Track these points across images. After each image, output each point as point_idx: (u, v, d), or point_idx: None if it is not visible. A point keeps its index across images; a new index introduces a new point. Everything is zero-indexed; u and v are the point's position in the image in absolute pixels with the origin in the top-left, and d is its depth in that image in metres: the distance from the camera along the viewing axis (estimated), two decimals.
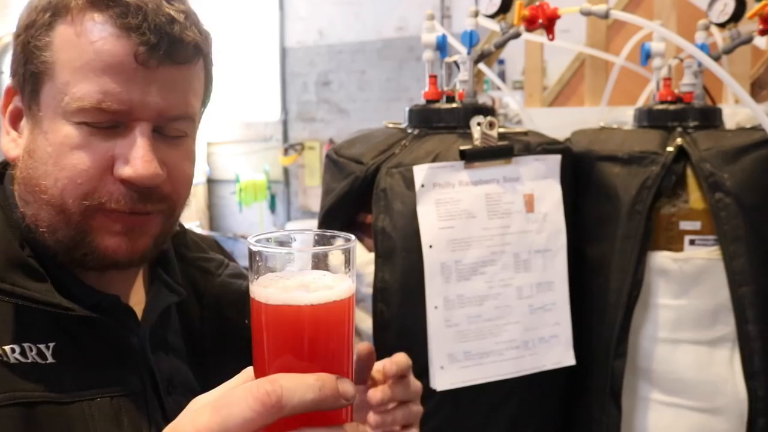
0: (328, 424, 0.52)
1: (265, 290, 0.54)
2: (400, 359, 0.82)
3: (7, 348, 0.71)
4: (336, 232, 0.59)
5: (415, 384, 0.85)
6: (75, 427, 0.72)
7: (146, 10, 0.71)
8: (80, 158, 0.72)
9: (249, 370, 0.57)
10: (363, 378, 0.81)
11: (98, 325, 0.76)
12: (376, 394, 0.80)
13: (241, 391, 0.49)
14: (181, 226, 0.93)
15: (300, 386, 0.49)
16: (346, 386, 0.51)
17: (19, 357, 0.71)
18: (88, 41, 0.71)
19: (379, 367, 0.81)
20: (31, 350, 0.72)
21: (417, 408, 0.85)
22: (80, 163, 0.72)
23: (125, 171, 0.72)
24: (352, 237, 0.57)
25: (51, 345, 0.73)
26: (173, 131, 0.76)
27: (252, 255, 0.55)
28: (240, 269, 0.96)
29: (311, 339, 0.53)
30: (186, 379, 0.84)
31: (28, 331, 0.73)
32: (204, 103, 0.83)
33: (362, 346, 0.78)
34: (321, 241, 0.58)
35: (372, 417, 0.81)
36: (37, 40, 0.73)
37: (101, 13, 0.71)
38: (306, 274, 0.55)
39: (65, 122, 0.72)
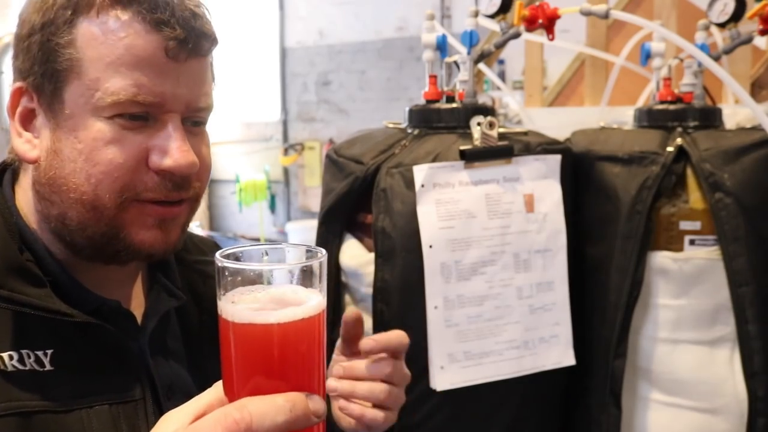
0: None
1: (232, 308, 0.52)
2: (392, 337, 0.83)
3: (5, 355, 0.70)
4: (307, 245, 0.58)
5: (405, 370, 0.85)
6: None
7: (173, 5, 0.73)
8: (115, 152, 0.72)
9: (219, 386, 0.56)
10: (350, 348, 0.83)
11: (97, 331, 0.75)
12: (366, 343, 0.82)
13: (210, 421, 0.49)
14: None
15: (270, 410, 0.49)
16: (317, 404, 0.51)
17: (17, 364, 0.71)
18: (117, 37, 0.72)
19: (368, 341, 0.83)
20: (29, 357, 0.71)
21: (400, 393, 0.84)
22: (116, 157, 0.72)
23: (165, 162, 0.73)
24: (323, 251, 0.56)
25: (49, 352, 0.72)
26: (195, 123, 0.79)
27: (219, 271, 0.53)
28: None
29: (281, 358, 0.52)
30: (185, 384, 0.84)
31: (26, 337, 0.72)
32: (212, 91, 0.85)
33: (349, 312, 0.79)
34: (291, 255, 0.57)
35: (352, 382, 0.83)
36: (59, 37, 0.72)
37: (126, 9, 0.72)
38: (275, 290, 0.53)
39: (96, 118, 0.72)
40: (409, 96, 5.71)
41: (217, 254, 0.55)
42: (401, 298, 1.21)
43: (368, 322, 1.25)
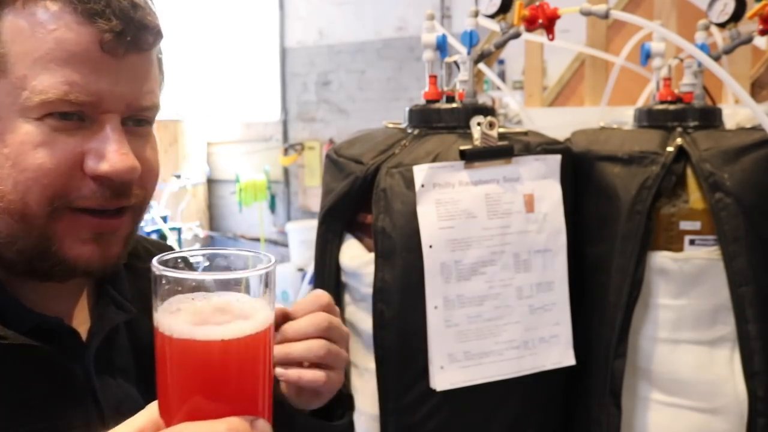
0: None
1: (170, 321, 0.47)
2: (310, 300, 0.75)
3: None
4: (254, 251, 0.52)
5: (342, 327, 0.77)
6: None
7: None
8: (44, 156, 0.65)
9: (154, 406, 0.52)
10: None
11: (35, 354, 0.68)
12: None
13: None
14: None
15: None
16: (262, 428, 0.48)
17: None
18: (46, 30, 0.65)
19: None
20: None
21: (340, 350, 0.76)
22: (45, 161, 0.65)
23: (101, 167, 0.67)
24: (272, 258, 0.51)
25: None
26: (138, 123, 0.72)
27: (156, 279, 0.48)
28: None
29: (224, 378, 0.48)
30: (135, 404, 0.74)
31: None
32: (161, 89, 0.78)
33: (277, 312, 0.71)
34: (238, 261, 0.52)
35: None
36: None
37: (55, 0, 0.66)
38: (219, 300, 0.48)
39: (24, 120, 0.65)
40: (409, 96, 5.70)
41: (155, 260, 0.50)
42: (401, 298, 1.21)
43: (368, 322, 1.25)
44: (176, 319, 0.47)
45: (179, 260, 0.51)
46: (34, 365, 0.68)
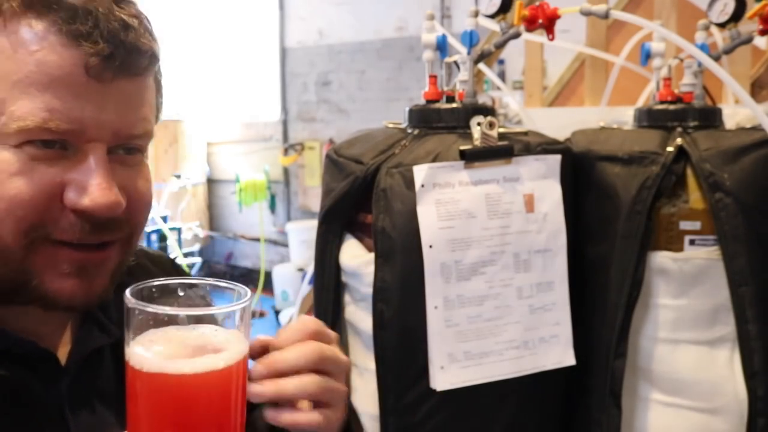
0: None
1: (141, 354, 0.46)
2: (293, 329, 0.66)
3: None
4: (230, 283, 0.51)
5: (337, 355, 0.68)
6: None
7: (97, 15, 0.61)
8: (20, 186, 0.61)
9: None
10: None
11: (3, 381, 0.64)
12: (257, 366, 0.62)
13: None
14: None
15: None
16: None
17: None
18: (27, 51, 0.61)
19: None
20: None
21: (337, 383, 0.67)
22: (20, 192, 0.61)
23: (82, 201, 0.62)
24: (248, 293, 0.50)
25: None
26: (129, 151, 0.68)
27: (128, 311, 0.47)
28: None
29: (195, 412, 0.47)
30: None
31: None
32: (157, 116, 0.73)
33: (257, 344, 0.63)
34: (215, 293, 0.51)
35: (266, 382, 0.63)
36: None
37: (41, 19, 0.61)
38: (193, 332, 0.47)
39: (2, 147, 0.61)
40: (409, 96, 5.70)
41: (128, 292, 0.48)
42: (401, 298, 1.21)
43: (368, 322, 1.25)
44: (147, 352, 0.46)
45: (154, 290, 0.50)
46: (3, 393, 0.64)
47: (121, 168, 0.66)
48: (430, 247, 1.19)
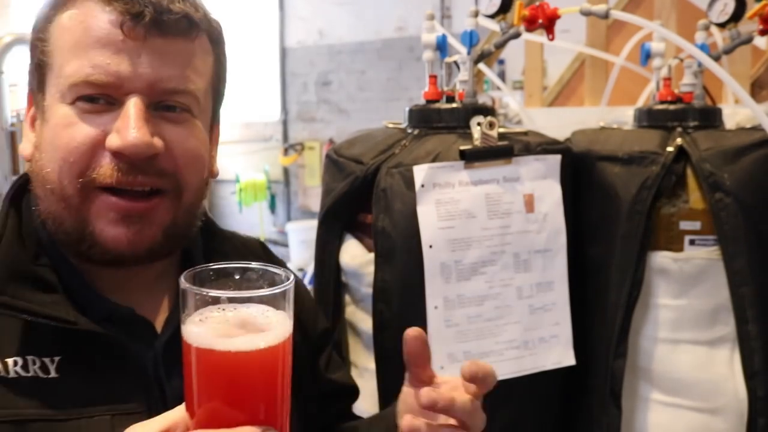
0: None
1: (195, 330, 0.50)
2: (487, 369, 0.73)
3: (9, 361, 0.69)
4: (276, 267, 0.55)
5: (482, 413, 0.75)
6: None
7: None
8: (71, 135, 0.70)
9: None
10: (416, 374, 0.74)
11: (105, 340, 0.72)
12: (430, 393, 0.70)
13: None
14: (215, 227, 0.89)
15: None
16: None
17: (20, 370, 0.69)
18: (77, 21, 0.71)
19: (449, 378, 0.74)
20: (34, 363, 0.70)
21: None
22: (71, 140, 0.70)
23: (114, 141, 0.70)
24: (291, 275, 0.54)
25: (56, 359, 0.71)
26: (171, 108, 0.74)
27: (182, 293, 0.52)
28: None
29: (238, 387, 0.51)
30: None
31: (33, 343, 0.71)
32: (216, 88, 0.81)
33: (410, 331, 0.71)
34: (261, 277, 0.55)
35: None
36: (40, 33, 0.74)
37: None
38: (244, 312, 0.51)
39: (62, 104, 0.72)
40: (409, 96, 5.71)
41: (183, 276, 0.53)
42: (401, 298, 1.20)
43: (368, 322, 1.25)
44: (199, 329, 0.50)
45: (211, 273, 0.54)
46: (104, 351, 0.72)
47: (166, 123, 0.73)
48: (430, 247, 1.19)
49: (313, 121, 6.52)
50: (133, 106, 0.70)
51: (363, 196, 1.26)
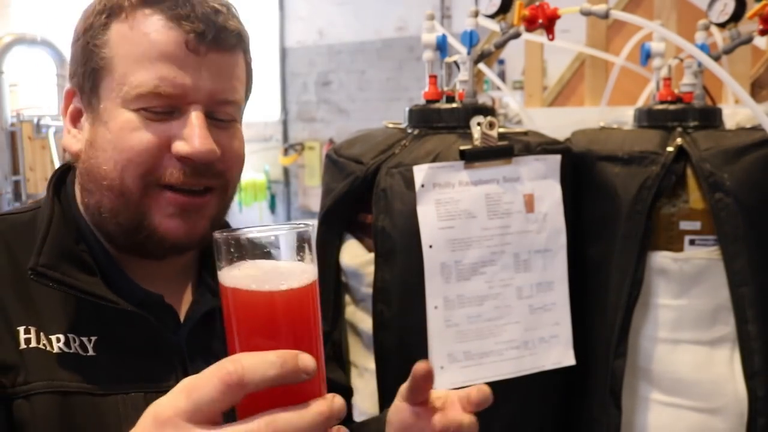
0: (294, 402, 0.54)
1: (230, 276, 0.57)
2: (488, 393, 0.79)
3: (53, 337, 0.76)
4: (294, 222, 0.62)
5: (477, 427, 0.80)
6: (107, 419, 0.75)
7: (194, 2, 0.78)
8: (139, 139, 0.77)
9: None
10: (416, 398, 0.78)
11: (140, 322, 0.79)
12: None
13: (208, 373, 0.53)
14: (227, 223, 0.95)
15: (261, 364, 0.52)
16: (307, 361, 0.54)
17: (63, 347, 0.76)
18: (142, 33, 0.77)
19: (442, 394, 0.78)
20: (75, 341, 0.77)
21: None
22: (139, 143, 0.77)
23: (183, 148, 0.77)
24: (310, 223, 0.61)
25: (93, 338, 0.78)
26: (223, 115, 0.82)
27: (217, 245, 0.58)
28: None
29: (275, 321, 0.57)
30: None
31: (73, 322, 0.77)
32: (247, 92, 0.89)
33: (420, 365, 0.75)
34: (279, 230, 0.60)
35: None
36: (96, 39, 0.79)
37: (152, 8, 0.78)
38: (270, 263, 0.58)
39: (124, 110, 0.77)
40: (409, 96, 5.71)
41: (215, 233, 0.59)
42: (401, 298, 1.21)
43: (368, 322, 1.25)
44: (236, 274, 0.57)
45: (239, 231, 0.60)
46: (138, 332, 0.79)
47: (217, 129, 0.81)
48: (430, 247, 1.19)
49: (313, 121, 6.52)
50: (196, 117, 0.78)
51: (363, 196, 1.26)
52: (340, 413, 0.56)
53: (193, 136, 0.77)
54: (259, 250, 0.58)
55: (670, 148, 1.27)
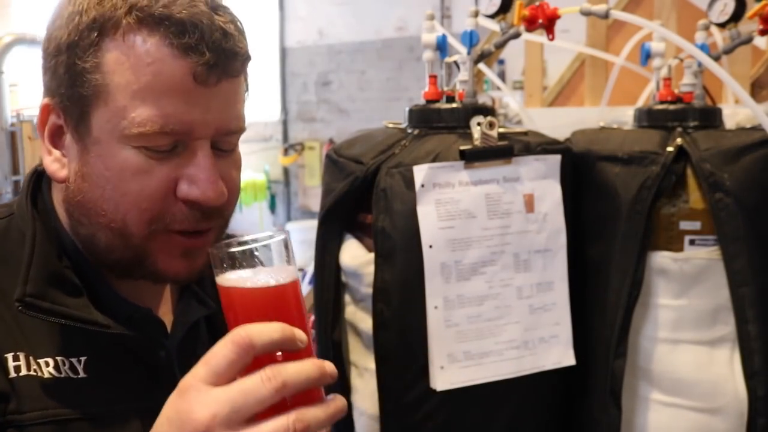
0: (297, 359, 0.61)
1: (228, 278, 0.65)
2: None
3: (41, 361, 0.72)
4: (273, 231, 0.69)
5: None
6: None
7: (202, 27, 0.69)
8: (143, 183, 0.71)
9: None
10: None
11: (131, 341, 0.78)
12: None
13: (221, 342, 0.58)
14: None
15: (266, 329, 0.59)
16: (300, 333, 0.62)
17: (53, 371, 0.72)
18: (144, 63, 0.69)
19: None
20: (65, 364, 0.73)
21: None
22: (143, 188, 0.71)
23: (193, 193, 0.72)
24: (287, 231, 0.68)
25: (83, 359, 0.75)
26: (227, 146, 0.77)
27: (214, 257, 0.66)
28: None
29: (272, 309, 0.65)
30: None
31: (61, 344, 0.74)
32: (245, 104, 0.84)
33: None
34: (265, 240, 0.68)
35: None
36: (84, 61, 0.70)
37: (154, 32, 0.69)
38: (258, 269, 0.66)
39: (123, 146, 0.71)
40: (409, 96, 5.71)
41: (211, 248, 0.65)
42: (401, 298, 1.21)
43: (368, 322, 1.25)
44: (231, 277, 0.65)
45: (232, 243, 0.67)
46: (129, 351, 0.78)
47: (219, 160, 0.75)
48: (430, 247, 1.19)
49: (313, 121, 6.52)
50: (204, 157, 0.73)
51: (363, 196, 1.26)
52: (345, 407, 0.62)
53: (202, 180, 0.72)
54: (249, 256, 0.65)
55: (670, 148, 1.27)
